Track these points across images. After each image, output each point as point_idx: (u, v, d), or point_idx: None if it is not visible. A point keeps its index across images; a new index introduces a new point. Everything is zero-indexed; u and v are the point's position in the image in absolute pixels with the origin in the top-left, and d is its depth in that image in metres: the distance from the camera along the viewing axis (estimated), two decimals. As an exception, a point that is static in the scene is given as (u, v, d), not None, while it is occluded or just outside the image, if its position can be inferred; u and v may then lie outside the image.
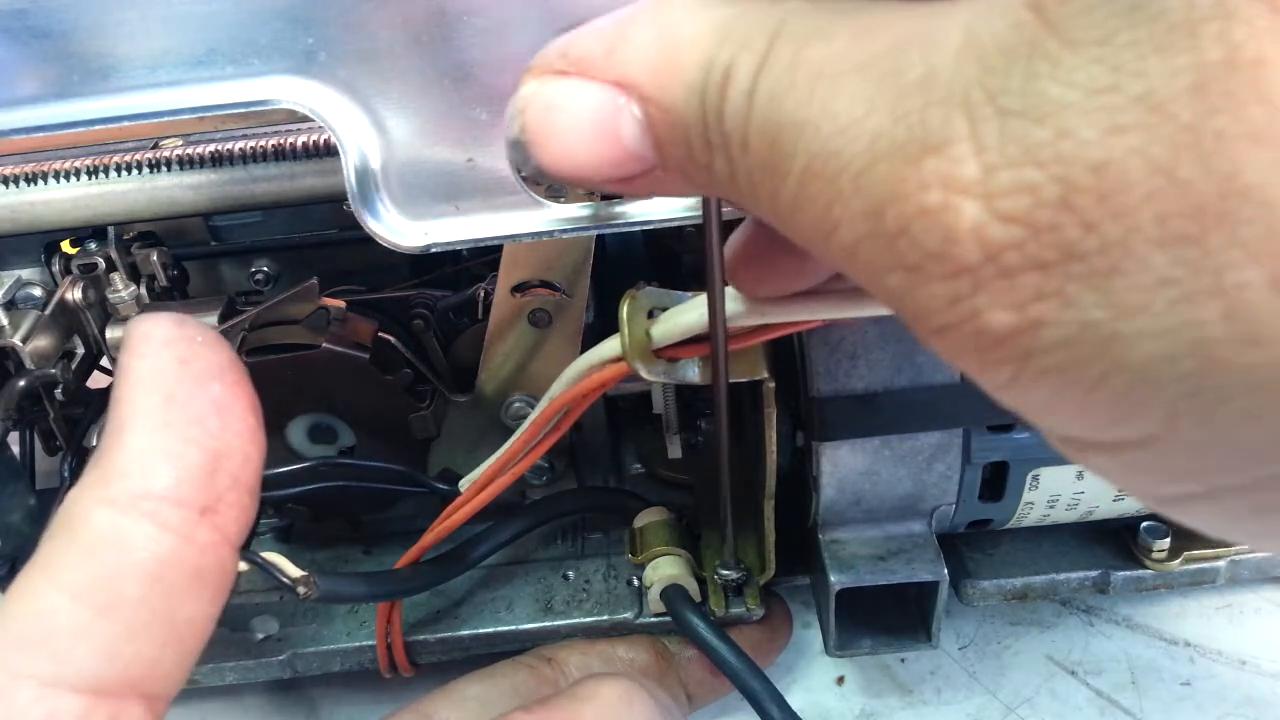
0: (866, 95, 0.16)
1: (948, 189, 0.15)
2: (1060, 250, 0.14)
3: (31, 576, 0.25)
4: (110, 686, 0.24)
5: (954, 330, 0.16)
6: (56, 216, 0.44)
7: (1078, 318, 0.14)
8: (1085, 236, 0.14)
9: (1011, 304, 0.15)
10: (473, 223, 0.34)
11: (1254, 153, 0.13)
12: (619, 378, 0.37)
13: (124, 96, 0.32)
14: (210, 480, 0.26)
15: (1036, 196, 0.14)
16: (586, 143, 0.21)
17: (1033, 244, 0.15)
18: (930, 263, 0.16)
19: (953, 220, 0.15)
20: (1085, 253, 0.14)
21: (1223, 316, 0.13)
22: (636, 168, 0.21)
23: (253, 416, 0.28)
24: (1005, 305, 0.15)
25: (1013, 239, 0.15)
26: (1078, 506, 0.45)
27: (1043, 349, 0.15)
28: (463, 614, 0.49)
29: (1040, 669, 0.50)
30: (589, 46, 0.21)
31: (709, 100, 0.19)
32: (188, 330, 0.27)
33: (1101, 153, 0.14)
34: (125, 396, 0.26)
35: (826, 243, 0.18)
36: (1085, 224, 0.14)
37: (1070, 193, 0.14)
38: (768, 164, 0.18)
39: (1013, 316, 0.15)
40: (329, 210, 0.47)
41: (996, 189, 0.15)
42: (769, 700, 0.41)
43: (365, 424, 0.47)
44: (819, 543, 0.45)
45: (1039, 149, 0.14)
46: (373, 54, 0.32)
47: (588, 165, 0.21)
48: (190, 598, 0.25)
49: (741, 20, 0.19)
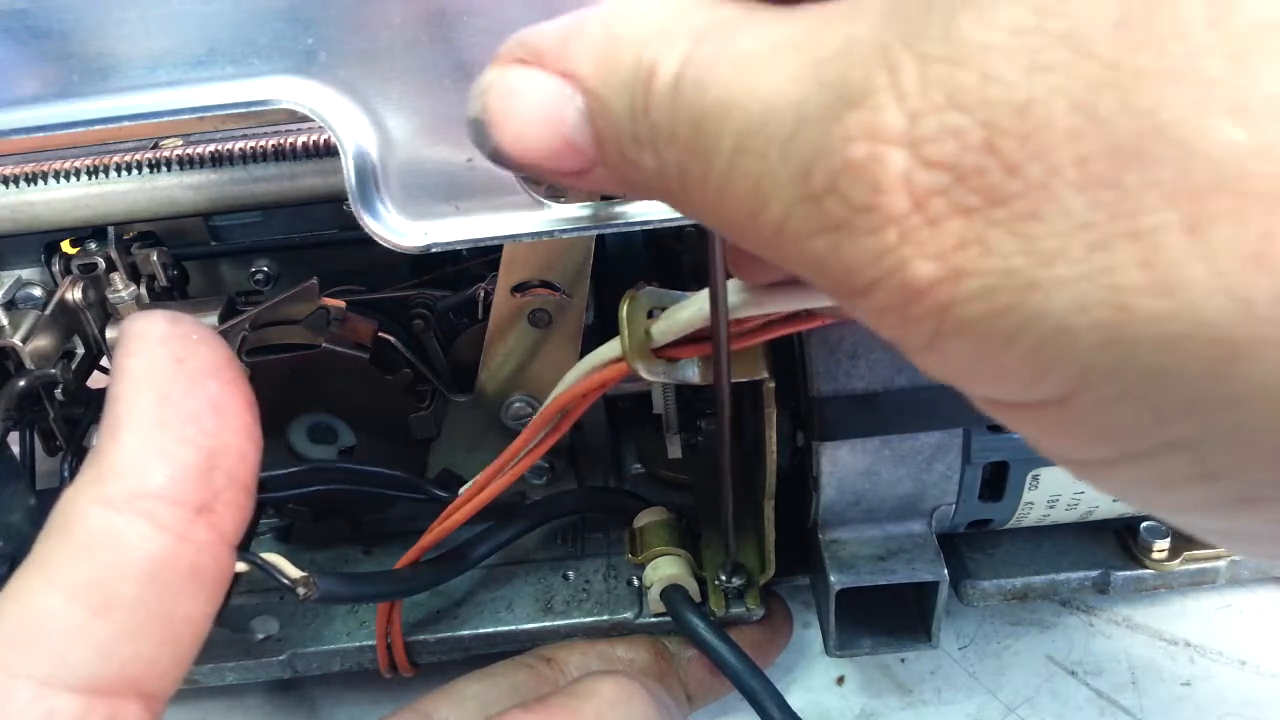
0: (790, 70, 0.17)
1: (873, 140, 0.15)
2: (984, 195, 0.14)
3: (27, 576, 0.25)
4: (107, 686, 0.24)
5: (878, 286, 0.16)
6: (56, 216, 0.44)
7: (998, 265, 0.14)
8: (1008, 180, 0.14)
9: (935, 253, 0.15)
10: (473, 223, 0.34)
11: (1172, 90, 0.13)
12: (619, 378, 0.37)
13: (124, 96, 0.32)
14: (206, 479, 0.26)
15: (962, 140, 0.14)
16: (536, 131, 0.21)
17: (957, 189, 0.14)
18: (857, 217, 0.15)
19: (879, 171, 0.15)
20: (1007, 197, 0.14)
21: (1137, 263, 0.13)
22: (580, 162, 0.21)
23: (249, 414, 0.27)
24: (929, 254, 0.15)
25: (938, 184, 0.14)
26: (1078, 506, 0.45)
27: (962, 299, 0.15)
28: (463, 614, 0.49)
29: (1040, 669, 0.50)
30: (547, 37, 0.21)
31: (636, 95, 0.19)
32: (183, 328, 0.27)
33: (1024, 93, 0.14)
34: (120, 395, 0.26)
35: (755, 222, 0.18)
36: (1008, 167, 0.14)
37: (994, 135, 0.14)
38: (695, 151, 0.18)
39: (935, 266, 0.15)
40: (329, 210, 0.46)
41: (921, 135, 0.14)
42: (769, 700, 0.41)
43: (365, 424, 0.47)
44: (819, 543, 0.45)
45: (963, 93, 0.14)
46: (373, 54, 0.32)
47: (536, 153, 0.21)
48: (187, 597, 0.25)
49: (675, 16, 0.19)
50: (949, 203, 0.14)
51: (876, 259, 0.15)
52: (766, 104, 0.17)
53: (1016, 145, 0.14)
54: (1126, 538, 0.48)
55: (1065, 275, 0.14)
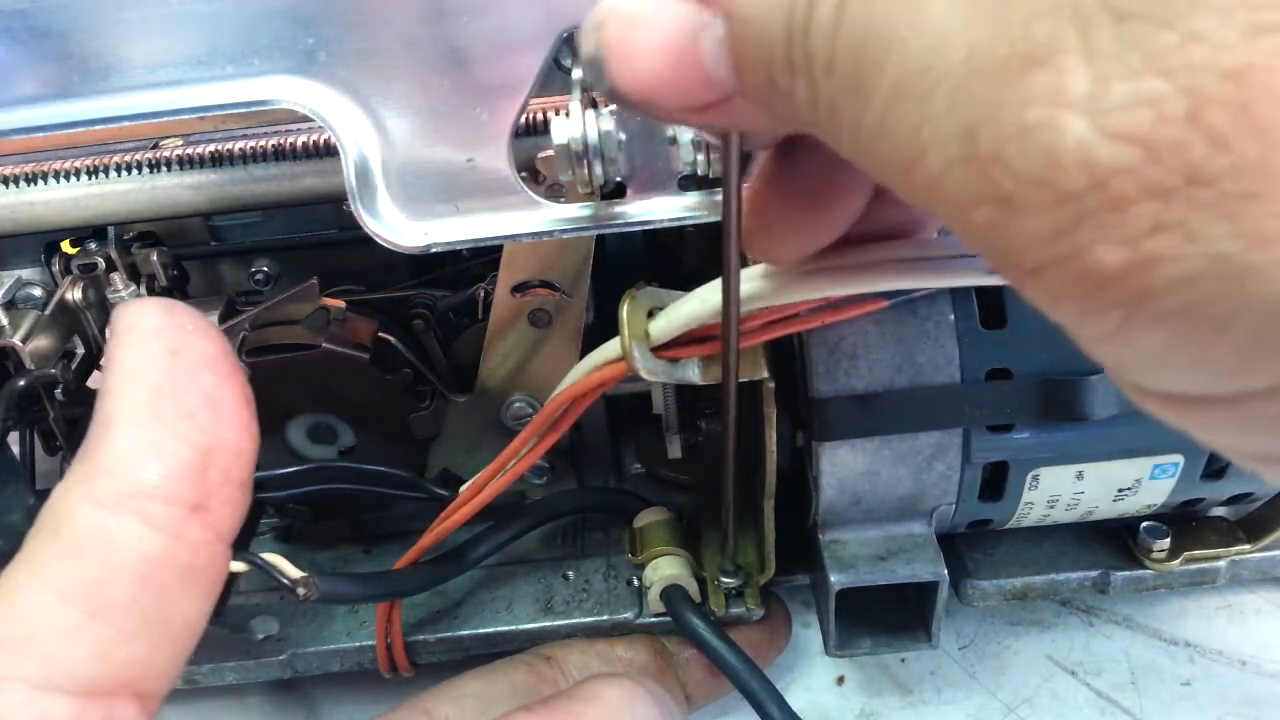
0: (964, 7, 0.15)
1: (1052, 104, 0.13)
2: (1185, 174, 0.13)
3: (17, 576, 0.24)
4: (102, 687, 0.24)
5: (1052, 271, 0.14)
6: (56, 216, 0.44)
7: (1204, 251, 0.13)
8: (1216, 156, 0.12)
9: (1123, 238, 0.13)
10: (473, 223, 0.34)
11: None
12: (618, 377, 0.37)
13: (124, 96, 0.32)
14: (201, 477, 0.25)
15: (1159, 111, 0.13)
16: (665, 64, 0.20)
17: (1151, 167, 0.13)
18: (1027, 191, 0.14)
19: (1055, 140, 0.13)
20: (1215, 176, 0.12)
21: None
22: (713, 95, 0.20)
23: (246, 409, 0.27)
24: (1115, 240, 0.13)
25: (1126, 162, 0.13)
26: (1078, 506, 0.45)
27: (1161, 289, 0.13)
28: (463, 614, 0.49)
29: (1040, 669, 0.50)
30: None
31: (796, 16, 0.17)
32: (178, 317, 0.26)
33: (1242, 57, 0.12)
34: (112, 389, 0.25)
35: (910, 174, 0.16)
36: (1217, 141, 0.12)
37: (1201, 105, 0.12)
38: (853, 84, 0.17)
39: (1124, 253, 0.13)
40: (329, 210, 0.46)
41: (1109, 103, 0.13)
42: (769, 700, 0.41)
43: (365, 424, 0.47)
44: (819, 543, 0.45)
45: (1164, 55, 0.13)
46: (373, 54, 0.32)
47: (664, 89, 0.20)
48: (182, 596, 0.25)
49: None
50: (1138, 182, 0.13)
51: (1049, 241, 0.14)
52: (935, 44, 0.15)
53: (1229, 117, 0.12)
54: (1126, 538, 0.48)
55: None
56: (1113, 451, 0.42)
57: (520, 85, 0.32)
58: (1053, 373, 0.40)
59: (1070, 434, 0.42)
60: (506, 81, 0.32)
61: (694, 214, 0.35)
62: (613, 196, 0.35)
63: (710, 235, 0.49)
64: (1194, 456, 0.42)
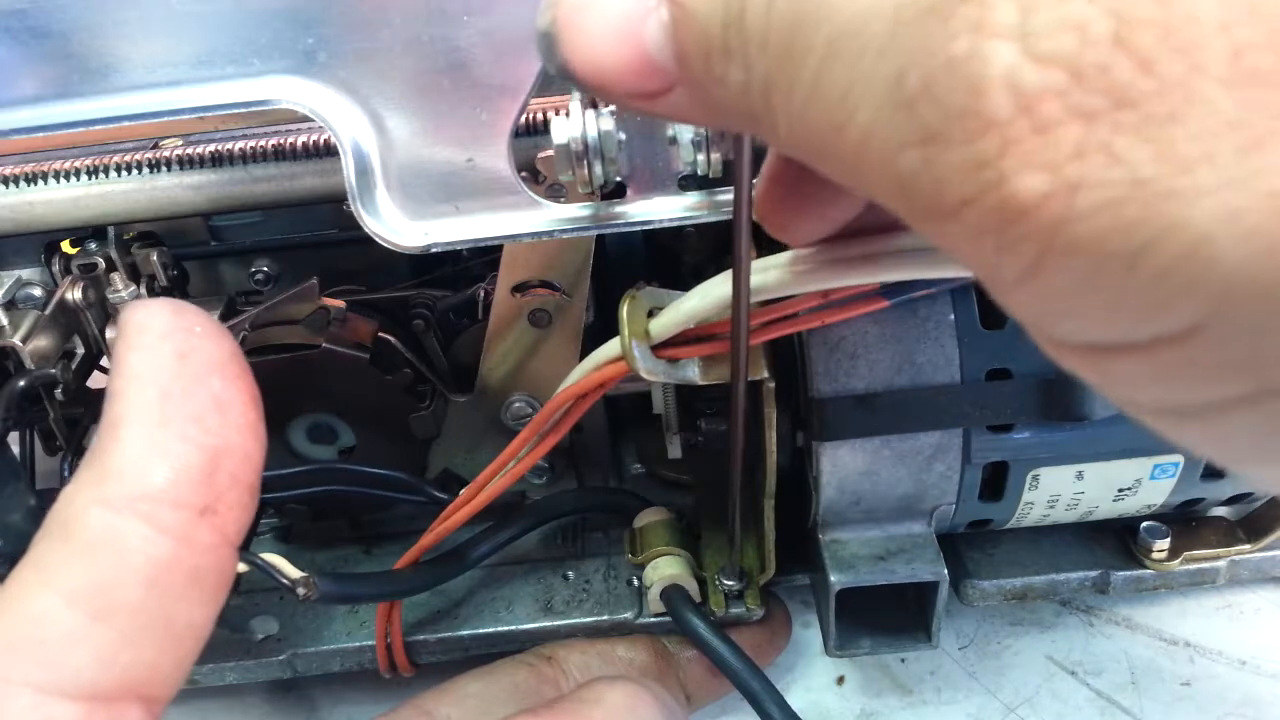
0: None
1: (977, 34, 0.13)
2: (1109, 96, 0.12)
3: (25, 578, 0.24)
4: (108, 692, 0.24)
5: (973, 204, 0.14)
6: (56, 216, 0.44)
7: (1125, 175, 0.12)
8: (1140, 78, 0.12)
9: (1045, 164, 0.13)
10: (473, 223, 0.34)
11: None
12: (618, 377, 0.37)
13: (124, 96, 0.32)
14: (210, 480, 0.25)
15: (1084, 34, 0.13)
16: (611, 44, 0.20)
17: (1076, 90, 0.13)
18: (952, 124, 0.14)
19: (981, 68, 0.13)
20: (1139, 98, 0.12)
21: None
22: (658, 82, 0.20)
23: (254, 412, 0.27)
24: (1037, 166, 0.13)
25: (1052, 85, 0.13)
26: (1078, 506, 0.45)
27: (1078, 216, 0.13)
28: (463, 614, 0.49)
29: (1040, 669, 0.50)
30: None
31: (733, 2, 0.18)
32: (186, 319, 0.26)
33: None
34: (120, 391, 0.25)
35: (839, 137, 0.16)
36: (1142, 63, 0.12)
37: (1126, 27, 0.12)
38: (786, 55, 0.17)
39: (1045, 179, 0.13)
40: (329, 210, 0.46)
41: (1035, 28, 0.13)
42: (769, 700, 0.41)
43: (365, 424, 0.47)
44: (819, 543, 0.45)
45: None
46: (373, 54, 0.32)
47: (611, 70, 0.20)
48: (189, 600, 0.25)
49: None
50: (1064, 106, 0.13)
51: (971, 173, 0.14)
52: (865, 6, 0.15)
53: (1154, 39, 0.12)
54: (1126, 538, 0.48)
55: (1209, 182, 0.12)
56: (1113, 451, 0.42)
57: (520, 85, 0.32)
58: (1053, 373, 0.40)
59: (1070, 434, 0.42)
60: (506, 81, 0.32)
61: (694, 214, 0.35)
62: (613, 196, 0.35)
63: (710, 235, 0.49)
64: (1194, 456, 0.42)
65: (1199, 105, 0.12)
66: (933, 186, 0.15)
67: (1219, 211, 0.12)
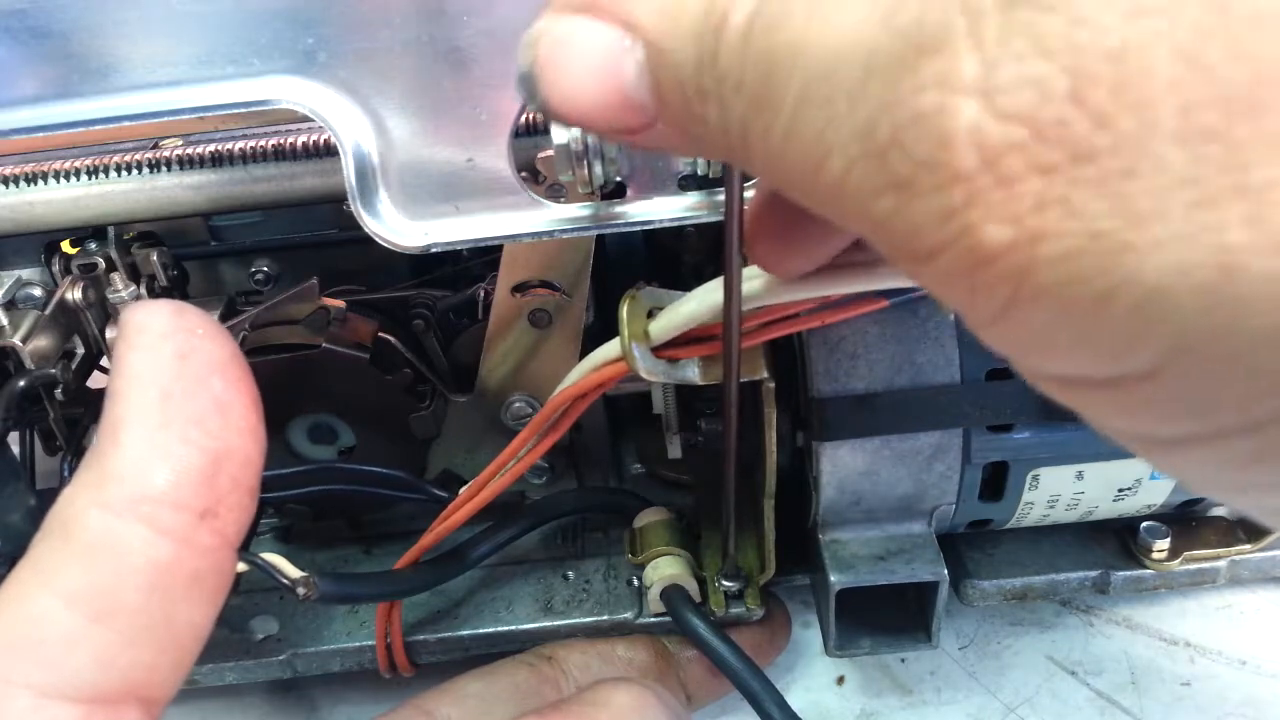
0: (863, 14, 0.15)
1: (944, 90, 0.14)
2: (1067, 151, 0.13)
3: (24, 580, 0.24)
4: (107, 694, 0.24)
5: (945, 251, 0.15)
6: (56, 216, 0.44)
7: (1084, 228, 0.13)
8: (1096, 133, 0.13)
9: (1008, 216, 0.14)
10: (473, 223, 0.34)
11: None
12: (618, 378, 0.37)
13: (124, 96, 0.32)
14: (211, 483, 0.25)
15: (1043, 90, 0.13)
16: (590, 84, 0.20)
17: (1035, 145, 0.13)
18: (922, 174, 0.14)
19: (947, 123, 0.14)
20: (1095, 152, 0.13)
21: (1246, 221, 0.12)
22: (637, 118, 0.20)
23: (255, 413, 0.27)
24: (1001, 218, 0.14)
25: (1013, 140, 0.13)
26: (1078, 506, 0.45)
27: (1043, 265, 0.14)
28: (463, 614, 0.49)
29: (1040, 669, 0.50)
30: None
31: (705, 42, 0.18)
32: (187, 320, 0.26)
33: (1120, 39, 0.13)
34: (121, 392, 0.25)
35: (816, 177, 0.17)
36: (1097, 119, 0.13)
37: (1082, 84, 0.13)
38: (762, 99, 0.17)
39: (1009, 230, 0.14)
40: (329, 210, 0.46)
41: (997, 85, 0.13)
42: (769, 700, 0.41)
43: (365, 424, 0.47)
44: (819, 543, 0.45)
45: (1048, 38, 0.13)
46: (373, 54, 0.32)
47: (590, 108, 0.20)
48: (189, 603, 0.25)
49: None
50: (1025, 160, 0.13)
51: (942, 222, 0.14)
52: (836, 50, 0.16)
53: (1108, 95, 0.13)
54: (1126, 538, 0.48)
55: (1163, 236, 0.13)
56: (1113, 451, 0.42)
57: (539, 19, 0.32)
58: (1053, 373, 0.40)
59: (1070, 434, 0.42)
60: (507, 81, 0.32)
61: (694, 214, 0.35)
62: (613, 196, 0.35)
63: (710, 235, 0.49)
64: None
65: (1151, 160, 0.13)
66: (905, 232, 0.15)
67: (1171, 265, 0.13)
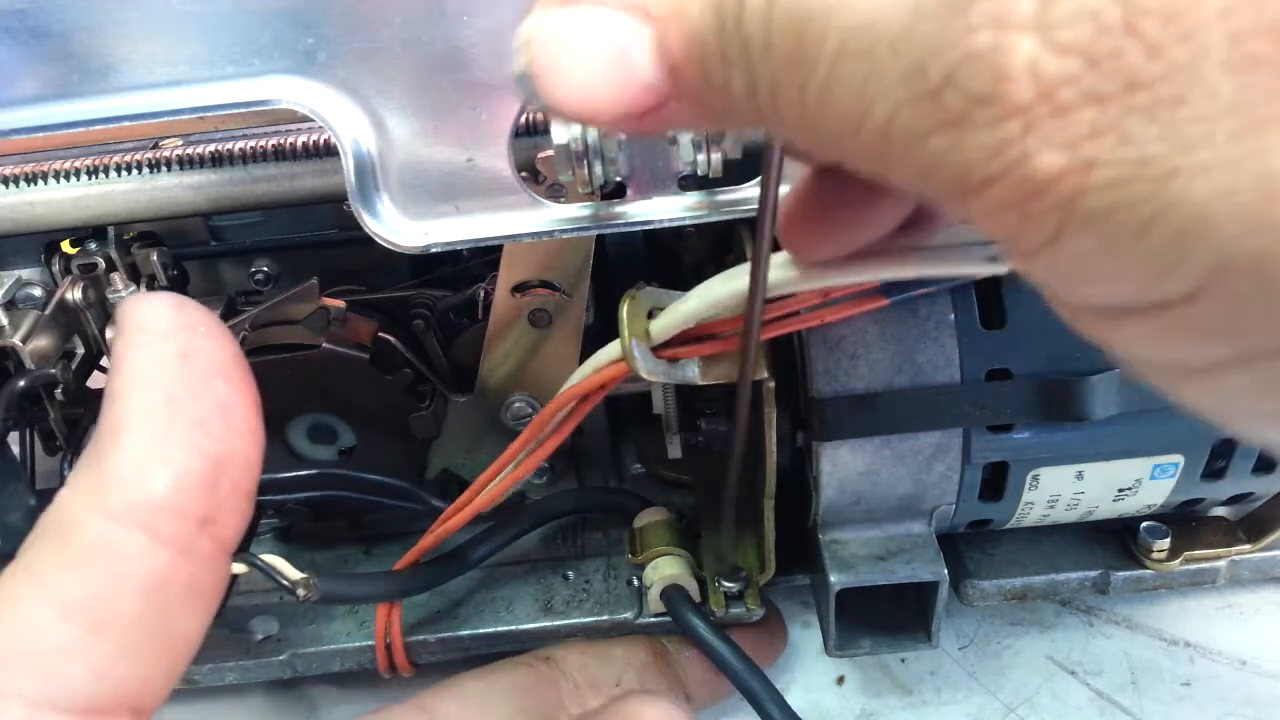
0: None
1: (1000, 28, 0.14)
2: (1121, 80, 0.14)
3: (19, 586, 0.24)
4: (100, 706, 0.23)
5: (998, 181, 0.15)
6: (56, 216, 0.44)
7: (1134, 154, 0.14)
8: (1149, 63, 0.13)
9: (1063, 143, 0.14)
10: (473, 223, 0.34)
11: None
12: (619, 378, 0.37)
13: (124, 96, 0.32)
14: (212, 489, 0.25)
15: (1098, 23, 0.14)
16: (597, 76, 0.20)
17: (1091, 75, 0.14)
18: (977, 109, 0.15)
19: (1004, 59, 0.14)
20: (1148, 81, 0.13)
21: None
22: (650, 100, 0.20)
23: (255, 416, 0.26)
24: (1057, 145, 0.14)
25: (1069, 72, 0.14)
26: (1078, 506, 0.45)
27: (1092, 190, 0.14)
28: (463, 614, 0.49)
29: (1040, 669, 0.50)
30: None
31: (726, 8, 0.18)
32: (189, 316, 0.26)
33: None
34: (121, 392, 0.25)
35: (858, 131, 0.17)
36: (1150, 49, 0.13)
37: (1135, 15, 0.13)
38: (794, 59, 0.17)
39: (1063, 157, 0.14)
40: (329, 210, 0.46)
41: (1053, 20, 0.14)
42: (769, 700, 0.41)
43: (365, 424, 0.47)
44: (819, 543, 0.45)
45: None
46: (373, 54, 0.32)
47: (599, 100, 0.20)
48: (184, 611, 0.25)
49: None
50: (1080, 90, 0.14)
51: (997, 152, 0.15)
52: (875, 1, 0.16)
53: (1160, 25, 0.13)
54: (1126, 538, 0.48)
55: (1208, 161, 0.13)
56: (1113, 451, 0.42)
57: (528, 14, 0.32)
58: (1053, 373, 0.40)
59: (1070, 434, 0.42)
60: (507, 81, 0.32)
61: (694, 214, 0.35)
62: (613, 196, 0.35)
63: (710, 235, 0.49)
64: (1194, 456, 0.42)
65: (1201, 89, 0.13)
66: (958, 167, 0.16)
67: (1215, 190, 0.13)
